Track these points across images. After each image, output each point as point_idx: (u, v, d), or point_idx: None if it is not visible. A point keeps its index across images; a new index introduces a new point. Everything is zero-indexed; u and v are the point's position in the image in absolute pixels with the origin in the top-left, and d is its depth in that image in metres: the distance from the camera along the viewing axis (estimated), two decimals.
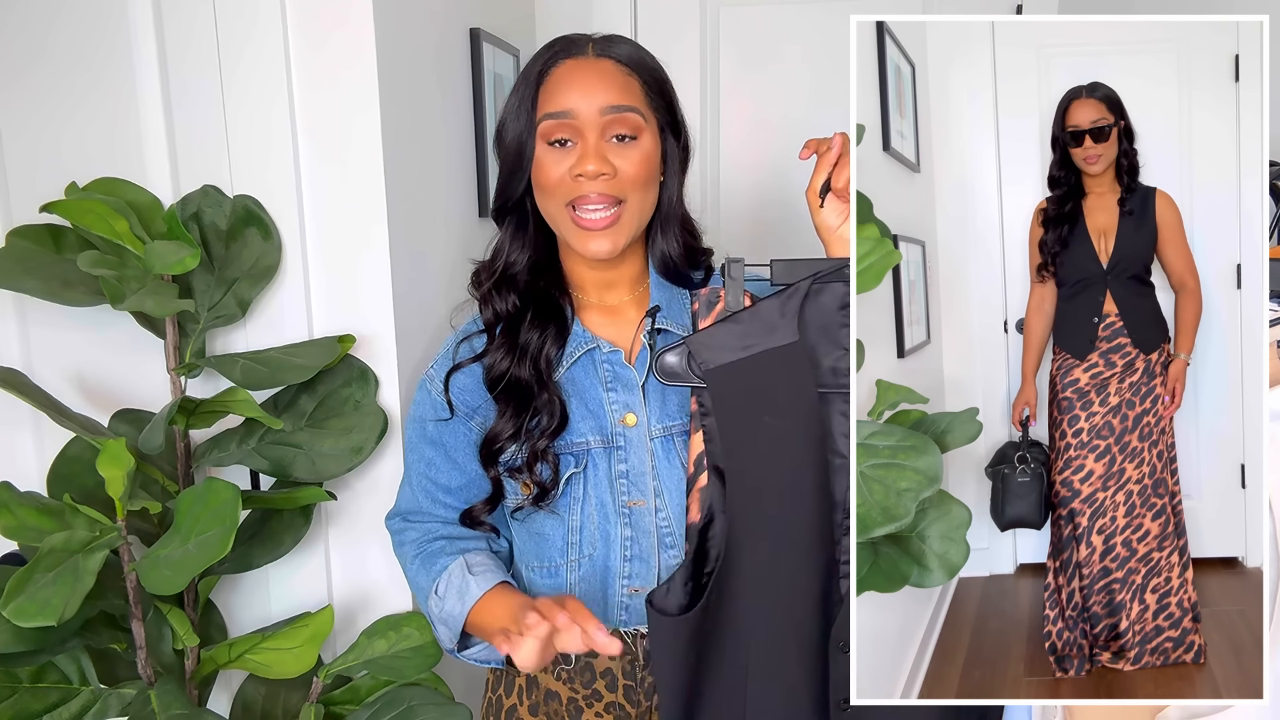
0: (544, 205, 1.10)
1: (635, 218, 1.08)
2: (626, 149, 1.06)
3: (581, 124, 1.05)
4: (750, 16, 2.32)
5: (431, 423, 1.15)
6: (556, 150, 1.06)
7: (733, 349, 0.98)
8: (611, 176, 1.05)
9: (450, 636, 1.10)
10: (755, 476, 0.98)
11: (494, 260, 1.15)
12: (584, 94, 1.05)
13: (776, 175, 2.36)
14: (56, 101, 1.23)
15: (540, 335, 1.11)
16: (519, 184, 1.10)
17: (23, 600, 0.97)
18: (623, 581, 1.10)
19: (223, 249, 1.25)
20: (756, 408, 0.98)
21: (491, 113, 1.67)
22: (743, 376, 0.97)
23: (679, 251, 1.14)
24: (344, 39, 1.24)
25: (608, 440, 1.10)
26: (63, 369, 1.26)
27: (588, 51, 1.07)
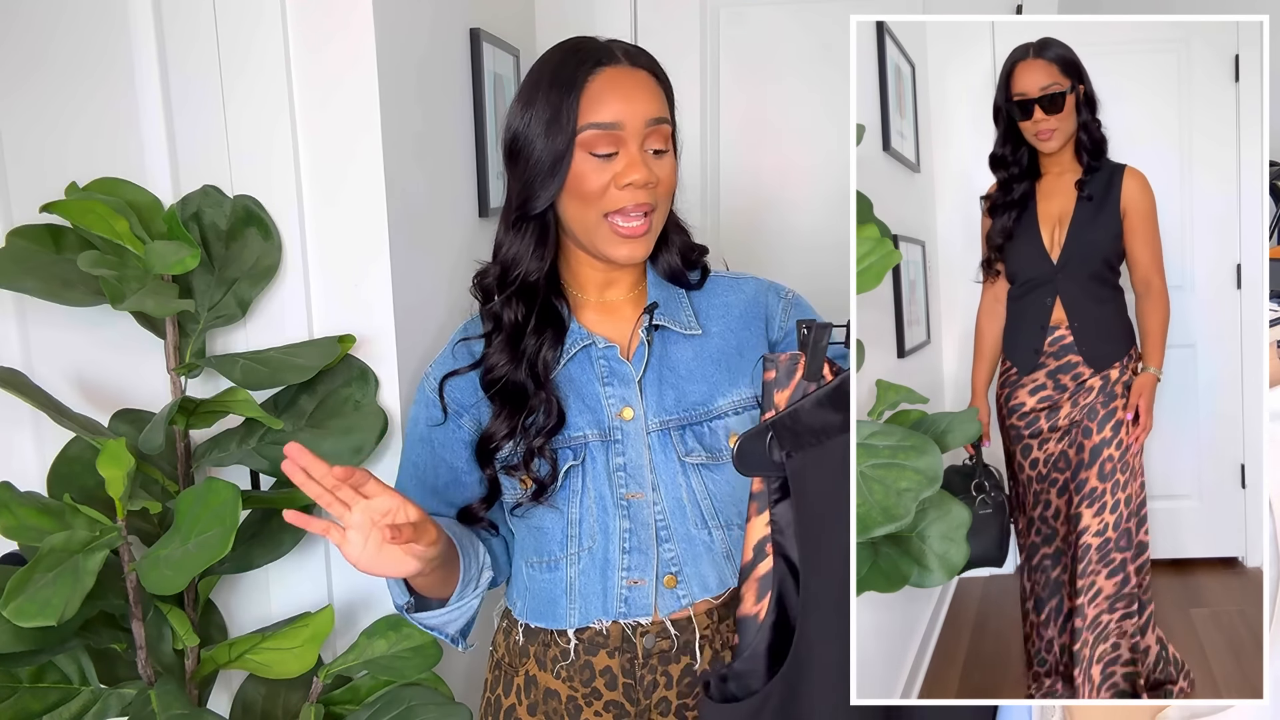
0: (577, 213, 1.08)
1: (660, 223, 1.11)
2: (661, 160, 1.08)
3: (627, 135, 1.05)
4: (750, 17, 2.32)
5: (425, 424, 1.17)
6: (598, 160, 1.05)
7: (816, 433, 0.86)
8: (655, 186, 1.06)
9: (400, 591, 1.10)
10: (830, 572, 0.87)
11: (509, 270, 1.12)
12: (629, 104, 1.05)
13: (776, 175, 2.36)
14: (57, 102, 1.23)
15: (538, 340, 1.11)
16: (550, 194, 1.07)
17: (23, 600, 0.97)
18: (621, 574, 1.11)
19: (223, 249, 1.25)
20: (838, 496, 0.87)
21: (492, 113, 1.67)
22: (826, 461, 0.86)
23: (676, 253, 1.16)
24: (344, 39, 1.24)
25: (605, 434, 1.11)
26: (63, 369, 1.26)
27: (622, 61, 1.07)
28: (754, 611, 0.89)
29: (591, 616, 1.12)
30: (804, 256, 2.24)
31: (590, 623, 1.12)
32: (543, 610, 1.14)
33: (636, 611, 1.11)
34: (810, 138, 2.30)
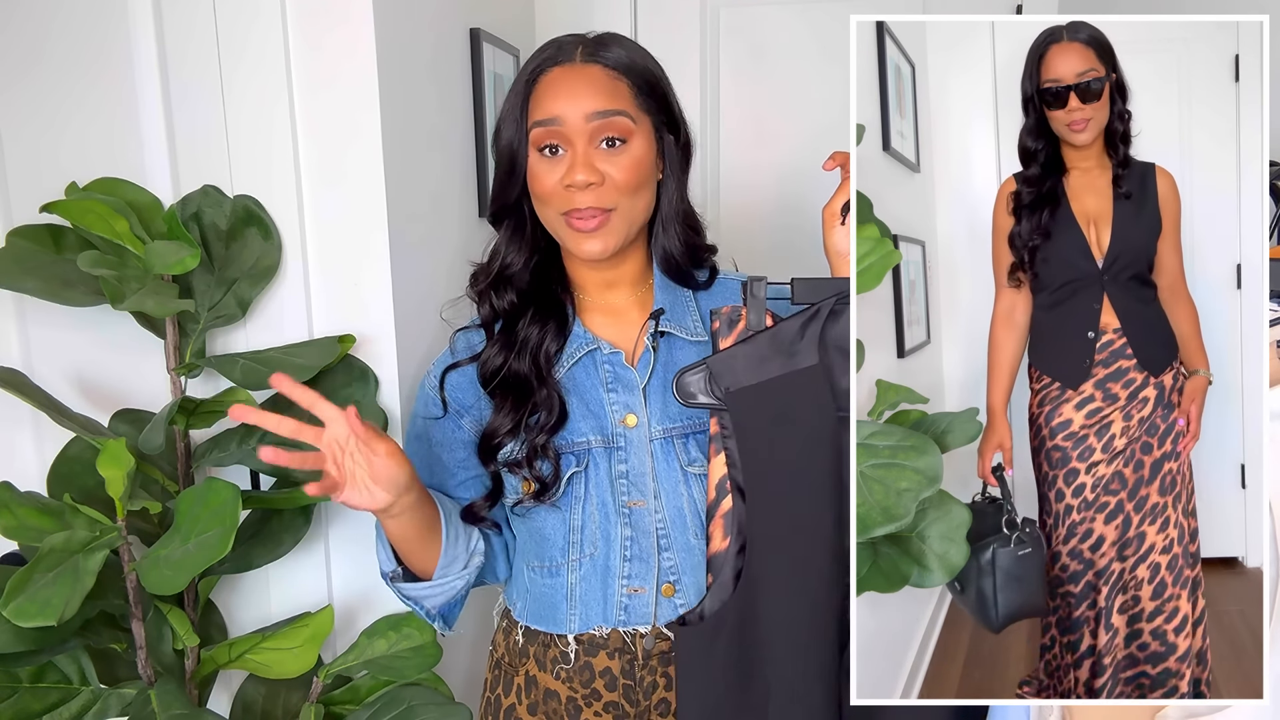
0: (540, 212, 1.10)
1: (625, 221, 1.08)
2: (615, 155, 1.06)
3: (569, 131, 1.05)
4: (750, 16, 2.32)
5: (421, 419, 1.18)
6: (548, 159, 1.06)
7: (754, 371, 0.97)
8: (600, 184, 1.05)
9: (387, 556, 1.11)
10: (775, 500, 0.98)
11: (491, 262, 1.16)
12: (570, 100, 1.05)
13: (776, 175, 2.35)
14: (57, 101, 1.22)
15: (540, 330, 1.12)
16: (514, 189, 1.10)
17: (23, 600, 0.97)
18: (622, 581, 1.10)
19: (223, 249, 1.25)
20: (777, 430, 0.97)
21: (491, 113, 1.67)
22: (764, 399, 0.97)
23: (681, 250, 1.14)
24: (344, 39, 1.24)
25: (608, 440, 1.11)
26: (63, 369, 1.26)
27: (575, 58, 1.07)
28: (722, 548, 0.99)
29: (592, 623, 1.12)
30: (804, 256, 2.23)
31: (590, 629, 1.12)
32: (543, 614, 1.14)
33: (636, 619, 1.11)
34: (810, 137, 2.30)
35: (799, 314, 0.98)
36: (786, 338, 0.97)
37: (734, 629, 0.98)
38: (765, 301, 0.99)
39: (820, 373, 0.97)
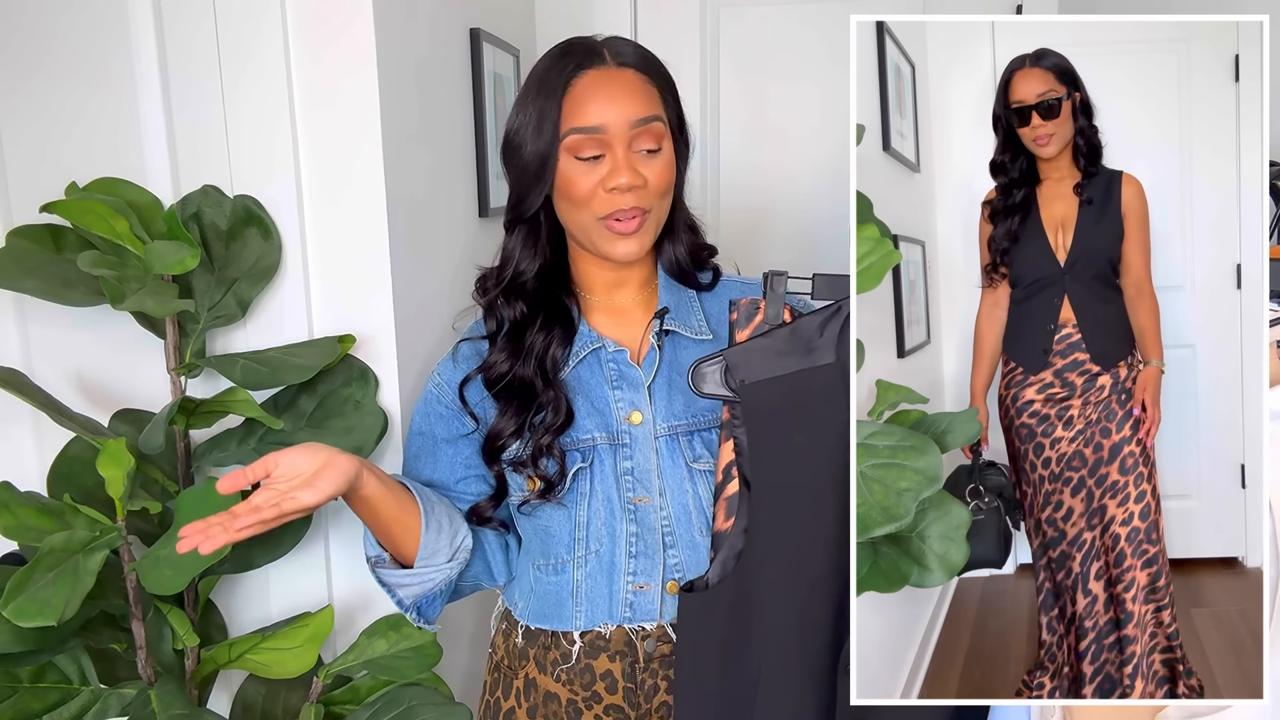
0: (571, 215, 1.09)
1: (656, 221, 1.09)
2: (652, 160, 1.06)
3: (611, 138, 1.04)
4: (750, 17, 2.32)
5: (420, 416, 1.18)
6: (584, 164, 1.05)
7: (769, 366, 0.98)
8: (643, 188, 1.05)
9: (371, 542, 1.12)
10: (780, 492, 0.99)
11: (503, 268, 1.15)
12: (612, 107, 1.04)
13: (776, 175, 2.36)
14: (58, 101, 1.23)
15: (546, 337, 1.12)
16: (539, 197, 1.09)
17: (23, 600, 0.97)
18: (627, 578, 1.11)
19: (223, 249, 1.25)
20: (789, 425, 0.98)
21: (491, 113, 1.67)
22: (778, 393, 0.98)
23: (685, 252, 1.15)
24: (344, 39, 1.24)
25: (613, 437, 1.11)
26: (63, 369, 1.26)
27: (607, 60, 1.06)
28: (725, 528, 1.01)
29: (597, 620, 1.12)
30: (804, 256, 2.24)
31: (596, 626, 1.12)
32: (548, 612, 1.14)
33: (641, 616, 1.11)
34: (810, 137, 2.30)
35: (820, 311, 0.98)
36: (806, 334, 0.98)
37: (730, 605, 1.00)
38: (784, 296, 0.99)
39: (836, 371, 0.97)
